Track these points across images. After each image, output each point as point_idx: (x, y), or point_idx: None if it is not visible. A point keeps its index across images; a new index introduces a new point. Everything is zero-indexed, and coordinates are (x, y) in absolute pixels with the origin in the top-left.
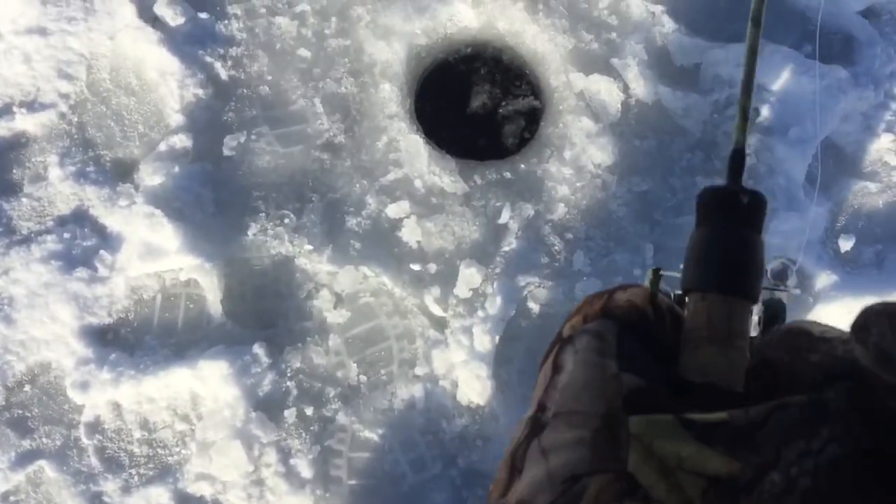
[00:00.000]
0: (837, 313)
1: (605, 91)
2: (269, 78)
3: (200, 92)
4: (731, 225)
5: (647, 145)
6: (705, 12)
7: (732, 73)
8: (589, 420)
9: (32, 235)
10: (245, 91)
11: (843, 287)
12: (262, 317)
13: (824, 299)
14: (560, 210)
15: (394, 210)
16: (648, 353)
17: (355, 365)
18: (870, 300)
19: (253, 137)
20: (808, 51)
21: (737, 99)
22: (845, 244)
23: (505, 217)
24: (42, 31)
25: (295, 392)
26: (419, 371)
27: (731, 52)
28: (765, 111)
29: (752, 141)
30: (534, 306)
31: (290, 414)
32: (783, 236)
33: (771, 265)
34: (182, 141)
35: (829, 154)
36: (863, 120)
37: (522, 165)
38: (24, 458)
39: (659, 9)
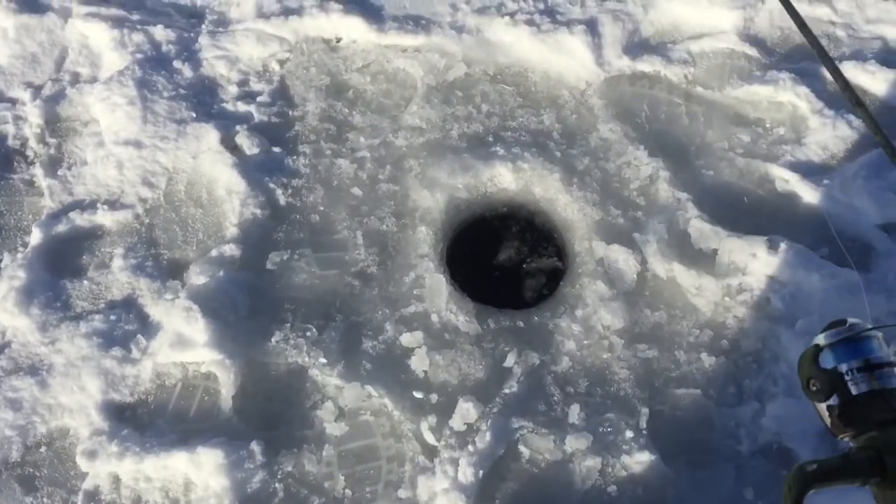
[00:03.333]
0: None
1: (623, 261)
2: (322, 208)
3: (258, 212)
4: None
5: (657, 316)
6: (728, 205)
7: (747, 262)
8: None
9: (84, 314)
10: (298, 216)
11: None
12: (267, 418)
13: None
14: (564, 363)
15: (408, 339)
16: None
17: (343, 478)
18: None
19: (295, 257)
20: (824, 252)
21: (748, 286)
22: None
23: (510, 361)
24: (137, 144)
25: (281, 494)
26: (402, 494)
27: (748, 243)
28: (776, 301)
29: (760, 327)
30: (524, 450)
31: None
32: (779, 422)
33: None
34: (231, 250)
35: None
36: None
37: (536, 318)
38: None
39: (685, 196)
